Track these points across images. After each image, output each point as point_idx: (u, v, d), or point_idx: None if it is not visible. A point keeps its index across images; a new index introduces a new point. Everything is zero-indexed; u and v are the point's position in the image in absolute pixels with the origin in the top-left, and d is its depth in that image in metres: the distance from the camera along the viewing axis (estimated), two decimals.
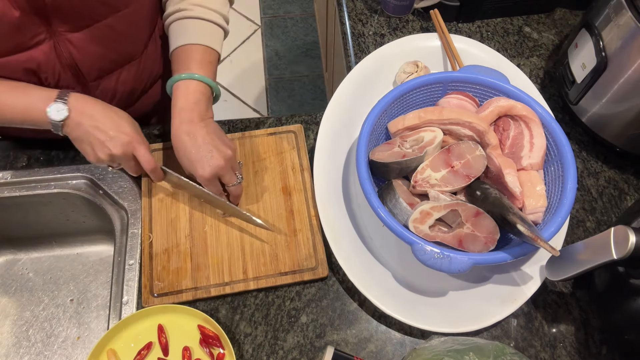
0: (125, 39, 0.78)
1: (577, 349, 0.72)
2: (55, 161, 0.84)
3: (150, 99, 0.94)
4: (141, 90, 0.90)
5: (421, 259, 0.61)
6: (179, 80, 0.71)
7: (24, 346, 0.89)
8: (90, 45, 0.73)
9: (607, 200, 0.84)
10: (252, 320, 0.73)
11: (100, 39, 0.73)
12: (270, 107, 2.09)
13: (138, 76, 0.85)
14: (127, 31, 0.77)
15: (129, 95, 0.87)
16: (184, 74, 0.71)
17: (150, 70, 0.88)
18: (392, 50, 0.88)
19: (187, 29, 0.74)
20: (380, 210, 0.64)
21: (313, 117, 0.90)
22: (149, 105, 0.95)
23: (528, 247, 0.62)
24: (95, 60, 0.76)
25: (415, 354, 0.63)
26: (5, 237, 0.94)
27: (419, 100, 0.77)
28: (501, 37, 1.00)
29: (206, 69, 0.72)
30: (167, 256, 0.75)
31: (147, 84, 0.90)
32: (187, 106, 0.70)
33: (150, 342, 0.70)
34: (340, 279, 0.76)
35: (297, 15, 2.34)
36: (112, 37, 0.75)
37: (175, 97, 0.71)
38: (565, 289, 0.76)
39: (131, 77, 0.84)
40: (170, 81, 0.72)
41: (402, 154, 0.69)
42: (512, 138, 0.72)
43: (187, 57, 0.72)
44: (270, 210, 0.79)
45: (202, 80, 0.71)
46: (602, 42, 0.76)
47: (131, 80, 0.84)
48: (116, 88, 0.83)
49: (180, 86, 0.71)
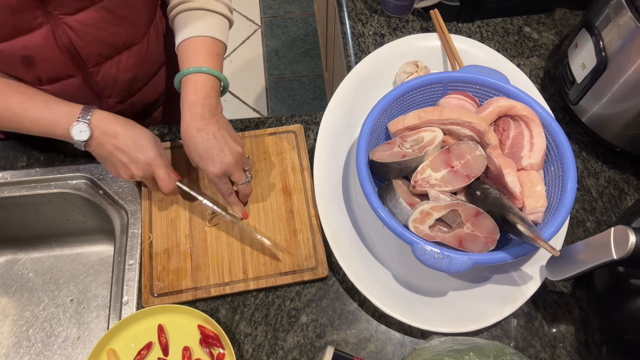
0: (124, 22, 0.76)
1: (577, 349, 0.72)
2: (55, 161, 0.84)
3: (154, 88, 0.93)
4: (144, 79, 0.89)
5: (421, 259, 0.61)
6: (188, 74, 0.71)
7: (24, 346, 0.89)
8: (89, 28, 0.72)
9: (607, 200, 0.84)
10: (252, 320, 0.73)
11: (98, 22, 0.72)
12: (270, 107, 2.09)
13: (140, 63, 0.84)
14: (125, 13, 0.76)
15: (131, 83, 0.86)
16: (192, 67, 0.71)
17: (152, 57, 0.87)
18: (392, 50, 0.88)
19: (193, 20, 0.73)
20: (380, 210, 0.64)
21: (313, 117, 0.90)
22: (153, 95, 0.94)
23: (528, 247, 0.62)
24: (94, 45, 0.75)
25: (415, 354, 0.63)
26: (5, 237, 0.94)
27: (419, 100, 0.77)
28: (501, 37, 1.00)
29: (214, 62, 0.72)
30: (167, 256, 0.75)
31: (150, 72, 0.90)
32: (197, 101, 0.70)
33: (150, 342, 0.70)
34: (340, 279, 0.76)
35: (297, 15, 2.34)
36: (111, 20, 0.74)
37: (184, 92, 0.71)
38: (565, 289, 0.76)
39: (132, 63, 0.83)
40: (178, 75, 0.72)
41: (402, 154, 0.69)
42: (512, 138, 0.72)
43: (194, 50, 0.72)
44: (270, 210, 0.79)
45: (211, 74, 0.71)
46: (602, 42, 0.76)
47: (132, 67, 0.83)
48: (117, 75, 0.82)
49: (189, 80, 0.71)
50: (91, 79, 0.78)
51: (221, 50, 0.75)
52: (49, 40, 0.70)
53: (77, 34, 0.71)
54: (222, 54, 0.75)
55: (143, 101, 0.92)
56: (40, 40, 0.69)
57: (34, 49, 0.69)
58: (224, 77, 0.73)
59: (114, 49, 0.78)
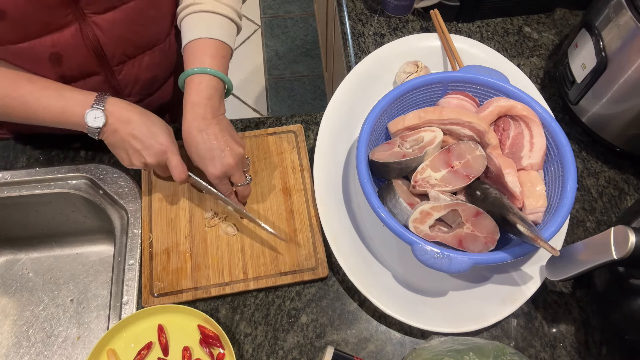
0: (150, 23, 0.77)
1: (577, 349, 0.72)
2: (55, 161, 0.84)
3: (170, 88, 0.93)
4: (162, 79, 0.90)
5: (421, 259, 0.61)
6: (192, 74, 0.71)
7: (24, 346, 0.89)
8: (116, 28, 0.72)
9: (607, 200, 0.84)
10: (252, 320, 0.73)
11: (125, 21, 0.73)
12: (270, 107, 2.09)
13: (160, 63, 0.85)
14: (151, 14, 0.76)
15: (151, 83, 0.87)
16: (197, 68, 0.71)
17: (172, 57, 0.88)
18: (392, 50, 0.88)
19: (201, 22, 0.73)
20: (380, 210, 0.64)
21: (313, 117, 0.90)
22: (167, 95, 0.94)
23: (528, 247, 0.62)
24: (119, 44, 0.75)
25: (415, 354, 0.63)
26: (5, 237, 0.94)
27: (419, 100, 0.77)
28: (501, 37, 1.00)
29: (219, 64, 0.72)
30: (167, 256, 0.75)
31: (168, 72, 0.90)
32: (200, 101, 0.70)
33: (150, 342, 0.70)
34: (340, 279, 0.76)
35: (297, 15, 2.34)
36: (138, 20, 0.74)
37: (187, 92, 0.71)
38: (565, 289, 0.76)
39: (154, 63, 0.83)
40: (182, 75, 0.72)
41: (402, 154, 0.69)
42: (512, 138, 0.72)
43: (201, 51, 0.72)
44: (270, 210, 0.79)
45: (215, 75, 0.71)
46: (602, 42, 0.76)
47: (153, 66, 0.84)
48: (138, 74, 0.82)
49: (193, 80, 0.71)
50: (113, 77, 0.79)
51: (227, 54, 0.75)
52: (76, 39, 0.70)
53: (104, 32, 0.72)
54: (228, 57, 0.75)
55: (160, 100, 0.93)
56: (68, 38, 0.69)
57: (62, 46, 0.70)
58: (228, 79, 0.73)
59: (138, 49, 0.79)
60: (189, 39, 0.73)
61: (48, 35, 0.68)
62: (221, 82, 0.72)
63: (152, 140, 0.70)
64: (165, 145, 0.71)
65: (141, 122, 0.70)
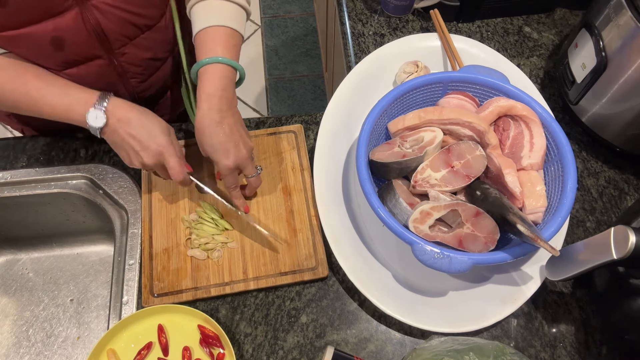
0: (147, 3, 0.77)
1: (577, 349, 0.72)
2: (55, 161, 0.84)
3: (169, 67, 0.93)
4: (162, 58, 0.90)
5: (421, 259, 0.61)
6: (206, 64, 0.71)
7: (24, 346, 0.89)
8: (115, 10, 0.72)
9: (607, 200, 0.84)
10: (252, 320, 0.73)
11: (124, 3, 0.73)
12: (270, 107, 2.09)
13: (160, 42, 0.85)
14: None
15: (152, 63, 0.87)
16: (210, 57, 0.71)
17: (169, 36, 0.87)
18: (392, 50, 0.88)
19: (211, 10, 0.73)
20: (380, 210, 0.64)
21: (313, 117, 0.90)
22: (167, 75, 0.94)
23: (528, 247, 0.62)
24: (120, 26, 0.75)
25: (415, 354, 0.63)
26: (5, 237, 0.94)
27: (419, 100, 0.77)
28: (501, 37, 1.00)
29: (231, 53, 0.72)
30: (167, 256, 0.75)
31: (167, 52, 0.90)
32: (215, 92, 0.70)
33: (150, 342, 0.70)
34: (340, 279, 0.76)
35: (297, 15, 2.34)
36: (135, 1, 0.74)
37: (202, 82, 0.71)
38: (565, 289, 0.76)
39: (153, 43, 0.83)
40: (196, 66, 0.72)
41: (402, 154, 0.69)
42: (512, 138, 0.71)
43: (212, 41, 0.72)
44: (270, 210, 0.79)
45: (228, 64, 0.71)
46: (602, 42, 0.76)
47: (153, 46, 0.84)
48: (140, 55, 0.82)
49: (207, 71, 0.71)
50: (116, 59, 0.79)
51: (238, 41, 0.75)
52: (77, 22, 0.70)
53: (105, 15, 0.72)
54: (239, 44, 0.75)
55: (162, 80, 0.93)
56: (69, 23, 0.69)
57: (64, 31, 0.70)
58: (241, 67, 0.73)
59: (137, 29, 0.79)
60: (199, 28, 0.73)
61: (49, 20, 0.68)
62: (234, 70, 0.72)
63: (151, 141, 0.70)
64: (163, 146, 0.71)
65: (140, 122, 0.70)
